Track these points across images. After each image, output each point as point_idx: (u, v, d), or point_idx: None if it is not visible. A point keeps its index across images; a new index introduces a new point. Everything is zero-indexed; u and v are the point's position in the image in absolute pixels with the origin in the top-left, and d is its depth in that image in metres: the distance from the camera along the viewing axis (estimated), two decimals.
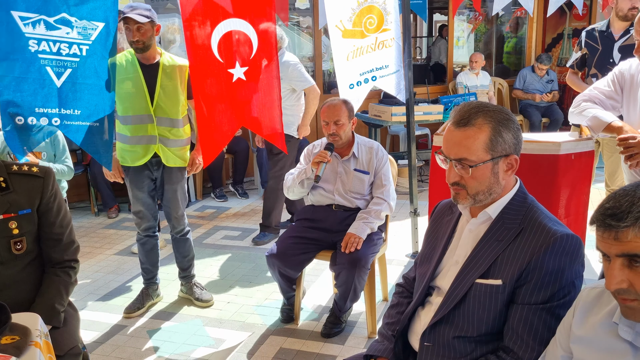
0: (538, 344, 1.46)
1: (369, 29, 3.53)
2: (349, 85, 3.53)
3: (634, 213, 1.09)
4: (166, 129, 3.14)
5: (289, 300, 3.18)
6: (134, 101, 3.07)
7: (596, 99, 2.41)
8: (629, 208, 1.10)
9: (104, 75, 2.74)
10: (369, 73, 3.62)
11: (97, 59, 2.71)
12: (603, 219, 1.13)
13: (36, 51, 2.57)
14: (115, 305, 3.47)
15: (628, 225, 1.09)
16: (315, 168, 2.98)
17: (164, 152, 3.17)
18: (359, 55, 3.53)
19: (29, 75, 2.57)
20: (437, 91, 7.07)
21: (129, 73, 3.07)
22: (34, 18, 2.55)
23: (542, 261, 1.46)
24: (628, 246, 1.10)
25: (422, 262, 1.77)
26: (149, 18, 2.99)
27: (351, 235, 2.89)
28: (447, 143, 1.56)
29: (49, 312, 1.94)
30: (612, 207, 1.12)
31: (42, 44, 2.58)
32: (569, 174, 2.65)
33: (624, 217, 1.09)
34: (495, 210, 1.58)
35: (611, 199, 1.14)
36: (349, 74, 3.53)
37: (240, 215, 5.23)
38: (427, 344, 1.62)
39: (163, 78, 3.10)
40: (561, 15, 7.57)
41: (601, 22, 3.74)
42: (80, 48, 2.68)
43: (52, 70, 2.64)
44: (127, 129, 3.13)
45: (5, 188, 1.94)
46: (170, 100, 3.12)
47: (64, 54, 2.64)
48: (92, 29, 2.71)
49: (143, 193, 3.25)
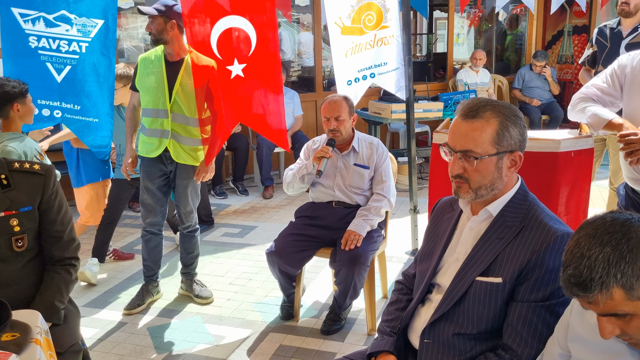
0: (537, 342, 1.46)
1: (368, 26, 3.53)
2: (347, 82, 3.53)
3: (596, 280, 1.06)
4: (180, 126, 3.17)
5: (289, 298, 3.18)
6: (154, 95, 3.13)
7: (594, 96, 2.39)
8: (590, 274, 1.06)
9: (103, 72, 2.75)
10: (367, 70, 3.62)
11: (96, 56, 2.72)
12: (569, 287, 1.11)
13: (36, 47, 2.59)
14: (115, 302, 3.47)
15: (595, 293, 1.07)
16: (316, 163, 2.98)
17: (174, 148, 3.19)
18: (358, 52, 3.53)
19: (30, 69, 2.59)
20: (437, 88, 7.07)
21: (154, 68, 3.13)
22: (34, 15, 2.56)
23: (543, 259, 1.46)
24: (605, 308, 1.09)
25: (423, 260, 1.77)
26: (161, 12, 3.01)
27: (351, 232, 2.89)
28: (453, 135, 1.56)
29: (49, 309, 1.94)
30: (574, 276, 1.09)
31: (42, 40, 2.59)
32: (568, 171, 2.65)
33: (589, 287, 1.07)
34: (496, 208, 1.59)
35: (570, 263, 1.11)
36: (347, 70, 3.53)
37: (240, 213, 5.23)
38: (427, 341, 1.62)
39: (184, 76, 3.11)
40: (561, 12, 7.56)
41: (613, 20, 3.73)
42: (79, 45, 2.69)
43: (52, 66, 2.65)
44: (146, 120, 3.20)
45: (6, 185, 1.94)
46: (187, 98, 3.13)
47: (64, 51, 2.65)
48: (92, 26, 2.71)
49: (153, 185, 3.29)
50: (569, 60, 7.71)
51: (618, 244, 1.06)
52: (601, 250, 1.07)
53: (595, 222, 1.13)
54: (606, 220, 1.11)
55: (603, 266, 1.06)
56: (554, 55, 7.83)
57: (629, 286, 1.05)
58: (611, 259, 1.06)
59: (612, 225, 1.10)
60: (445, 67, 7.64)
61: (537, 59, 6.85)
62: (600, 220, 1.12)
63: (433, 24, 10.47)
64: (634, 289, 1.05)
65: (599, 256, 1.07)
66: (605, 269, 1.05)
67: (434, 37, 10.15)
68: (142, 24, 6.61)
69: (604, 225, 1.10)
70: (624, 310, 1.08)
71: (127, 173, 3.35)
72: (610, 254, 1.06)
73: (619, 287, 1.05)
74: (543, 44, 7.89)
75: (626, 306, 1.07)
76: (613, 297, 1.06)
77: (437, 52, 9.56)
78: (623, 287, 1.05)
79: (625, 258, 1.05)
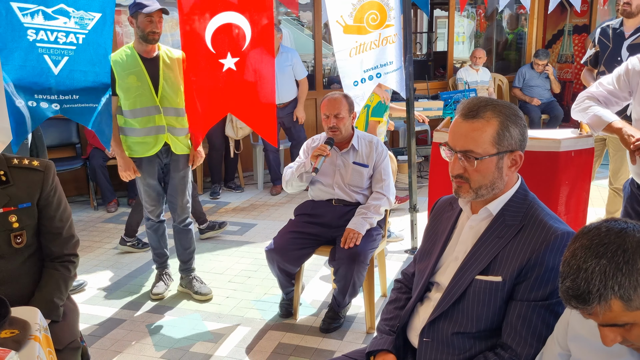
0: (536, 341, 1.46)
1: (372, 25, 3.52)
2: (353, 83, 3.52)
3: (594, 293, 1.06)
4: (173, 118, 3.24)
5: (288, 295, 3.18)
6: (140, 94, 3.15)
7: (600, 96, 2.39)
8: (588, 287, 1.07)
9: (99, 63, 2.79)
10: (373, 70, 3.61)
11: (93, 47, 2.75)
12: (568, 299, 1.11)
13: (34, 40, 2.60)
14: (114, 299, 3.47)
15: (594, 305, 1.07)
16: (314, 161, 2.98)
17: (172, 141, 3.26)
18: (363, 51, 3.52)
19: (28, 63, 2.61)
20: (437, 87, 7.07)
21: (132, 67, 3.14)
22: (33, 9, 2.57)
23: (542, 258, 1.46)
24: (605, 318, 1.09)
25: (422, 258, 1.77)
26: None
27: (350, 230, 2.89)
28: (453, 135, 1.55)
29: (48, 306, 1.94)
30: (572, 288, 1.09)
31: (40, 33, 2.61)
32: (568, 171, 2.65)
33: (588, 299, 1.07)
34: (496, 207, 1.58)
35: (567, 275, 1.11)
36: (353, 70, 3.52)
37: (239, 210, 5.23)
38: (426, 340, 1.62)
39: (164, 70, 3.19)
40: (562, 11, 7.56)
41: (616, 20, 3.72)
42: (77, 37, 2.72)
43: (49, 59, 2.67)
44: (136, 121, 3.20)
45: (5, 181, 1.93)
46: (173, 90, 3.22)
47: (61, 42, 2.68)
48: (89, 19, 2.74)
49: (155, 181, 3.35)
50: (569, 59, 7.71)
51: (614, 255, 1.06)
52: (597, 262, 1.07)
53: (590, 232, 1.12)
54: (601, 231, 1.11)
55: (600, 279, 1.06)
56: (554, 55, 7.82)
57: (626, 297, 1.05)
58: (608, 271, 1.06)
59: (607, 235, 1.10)
60: (445, 66, 7.64)
61: (538, 58, 6.84)
62: (595, 230, 1.12)
63: (433, 23, 10.47)
64: (632, 299, 1.05)
65: (595, 268, 1.07)
66: (602, 281, 1.06)
67: (434, 36, 10.15)
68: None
69: (599, 236, 1.10)
70: (624, 321, 1.08)
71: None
72: (606, 266, 1.06)
73: (616, 299, 1.06)
74: (543, 43, 7.89)
75: (625, 316, 1.07)
76: (612, 308, 1.07)
77: (437, 51, 9.56)
78: (621, 299, 1.06)
79: (621, 270, 1.05)
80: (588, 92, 2.43)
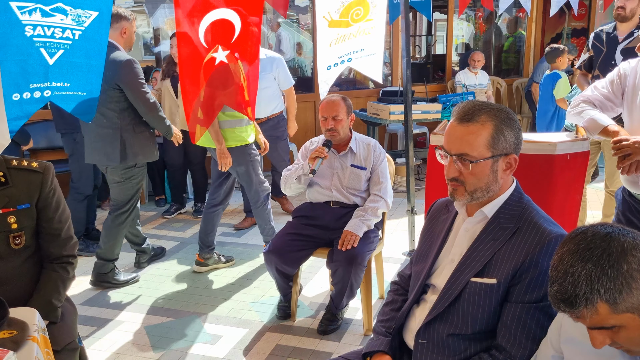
0: (531, 343, 1.48)
1: (355, 19, 3.63)
2: (326, 67, 3.66)
3: (580, 297, 1.08)
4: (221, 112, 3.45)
5: (286, 297, 3.19)
6: None
7: (596, 100, 2.41)
8: (574, 291, 1.09)
9: (94, 57, 2.85)
10: (345, 56, 3.74)
11: (89, 43, 2.82)
12: (557, 303, 1.13)
13: (32, 35, 2.66)
14: (112, 300, 3.48)
15: (581, 308, 1.09)
16: (311, 163, 3.00)
17: (223, 133, 3.53)
18: (342, 42, 3.66)
19: (25, 57, 2.65)
20: (435, 90, 7.08)
21: None
22: (31, 7, 2.61)
23: (537, 260, 1.47)
24: (592, 322, 1.11)
25: (418, 260, 1.78)
26: None
27: (348, 232, 2.90)
28: (448, 138, 1.57)
29: (46, 307, 1.95)
30: (560, 292, 1.11)
31: (38, 29, 2.66)
32: (564, 174, 2.66)
33: (575, 303, 1.09)
34: (491, 210, 1.60)
35: (555, 280, 1.13)
36: (329, 57, 3.67)
37: (237, 213, 5.24)
38: (422, 342, 1.63)
39: None
40: (560, 15, 7.58)
41: (609, 24, 3.75)
42: (73, 33, 2.78)
43: (45, 51, 2.73)
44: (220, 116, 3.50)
45: (4, 183, 1.94)
46: None
47: (58, 37, 2.73)
48: (86, 17, 2.79)
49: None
50: None
51: (599, 259, 1.08)
52: (583, 266, 1.09)
53: (577, 236, 1.14)
54: (587, 235, 1.13)
55: (586, 283, 1.08)
56: None
57: (612, 300, 1.07)
58: (593, 275, 1.08)
59: (593, 240, 1.12)
60: (444, 69, 7.66)
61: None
62: (581, 235, 1.14)
63: (432, 26, 10.49)
64: (618, 302, 1.07)
65: (581, 273, 1.09)
66: (588, 285, 1.08)
67: (433, 39, 10.16)
68: (140, 22, 6.64)
69: (585, 241, 1.12)
70: (611, 323, 1.10)
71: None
72: (592, 270, 1.08)
73: (603, 302, 1.08)
74: (542, 47, 7.91)
75: (612, 319, 1.09)
76: (598, 311, 1.09)
77: (436, 54, 9.57)
78: (607, 302, 1.07)
79: (607, 274, 1.07)
80: (584, 96, 2.44)
